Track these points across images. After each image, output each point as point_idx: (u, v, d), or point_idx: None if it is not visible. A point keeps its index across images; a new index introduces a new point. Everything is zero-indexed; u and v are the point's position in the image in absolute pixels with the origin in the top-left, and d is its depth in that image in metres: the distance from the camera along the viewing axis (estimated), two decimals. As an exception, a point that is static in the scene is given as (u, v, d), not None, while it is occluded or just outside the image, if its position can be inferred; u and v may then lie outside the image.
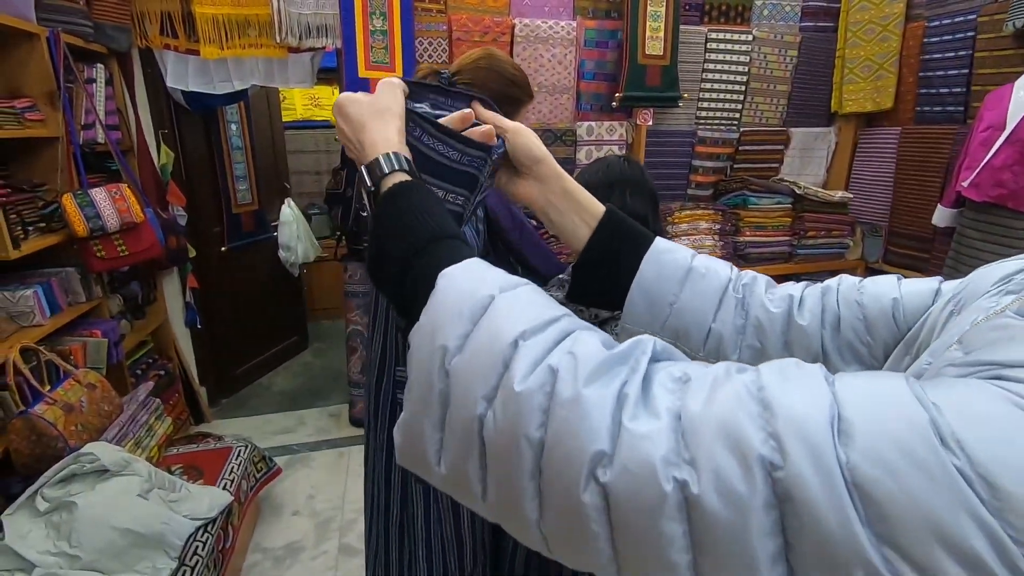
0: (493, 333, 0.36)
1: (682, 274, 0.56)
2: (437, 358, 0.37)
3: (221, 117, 3.09)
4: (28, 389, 1.67)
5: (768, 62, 2.97)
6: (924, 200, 2.68)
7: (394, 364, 1.10)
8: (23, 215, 1.83)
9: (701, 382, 0.32)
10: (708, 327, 0.55)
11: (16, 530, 1.44)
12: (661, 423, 0.30)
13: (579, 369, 0.33)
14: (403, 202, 0.46)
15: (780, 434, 0.28)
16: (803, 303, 0.55)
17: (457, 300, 0.38)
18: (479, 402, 0.35)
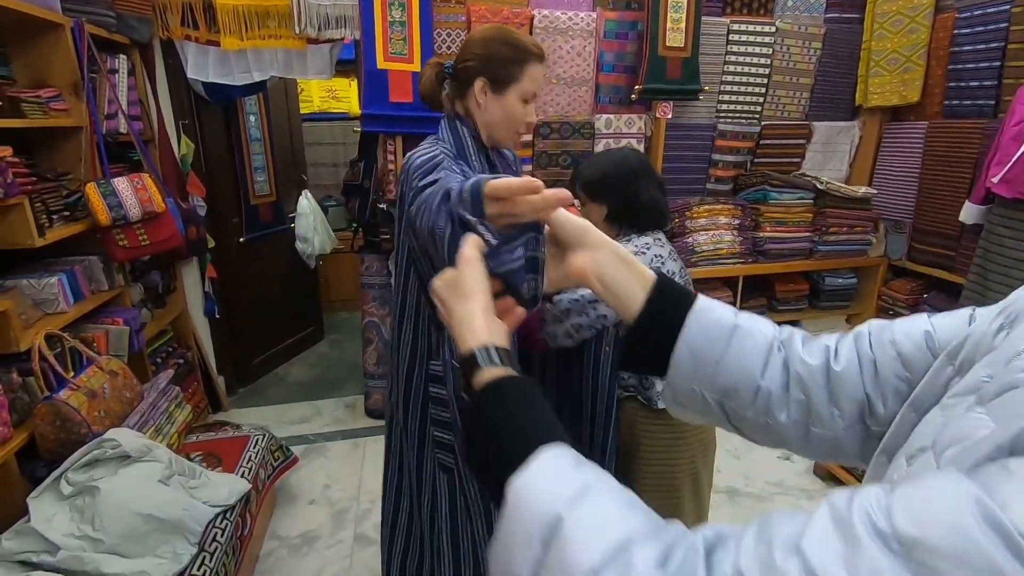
0: (565, 565, 0.34)
1: (727, 332, 0.56)
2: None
3: (240, 109, 3.11)
4: (53, 375, 1.70)
5: (791, 54, 2.91)
6: (951, 196, 2.62)
7: (427, 358, 1.10)
8: (48, 204, 1.86)
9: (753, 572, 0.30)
10: (757, 385, 0.55)
11: (41, 513, 1.47)
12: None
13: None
14: (493, 406, 0.47)
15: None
16: (838, 352, 0.55)
17: (528, 518, 0.37)
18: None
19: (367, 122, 2.51)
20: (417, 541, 1.26)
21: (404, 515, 1.26)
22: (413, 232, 0.95)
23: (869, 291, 3.11)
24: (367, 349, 2.89)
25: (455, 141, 1.12)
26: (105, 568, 1.41)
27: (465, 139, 1.13)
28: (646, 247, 1.26)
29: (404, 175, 1.05)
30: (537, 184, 0.55)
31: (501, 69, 1.09)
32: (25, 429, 1.63)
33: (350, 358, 3.67)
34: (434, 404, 1.12)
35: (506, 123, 1.12)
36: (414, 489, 1.23)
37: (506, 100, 1.11)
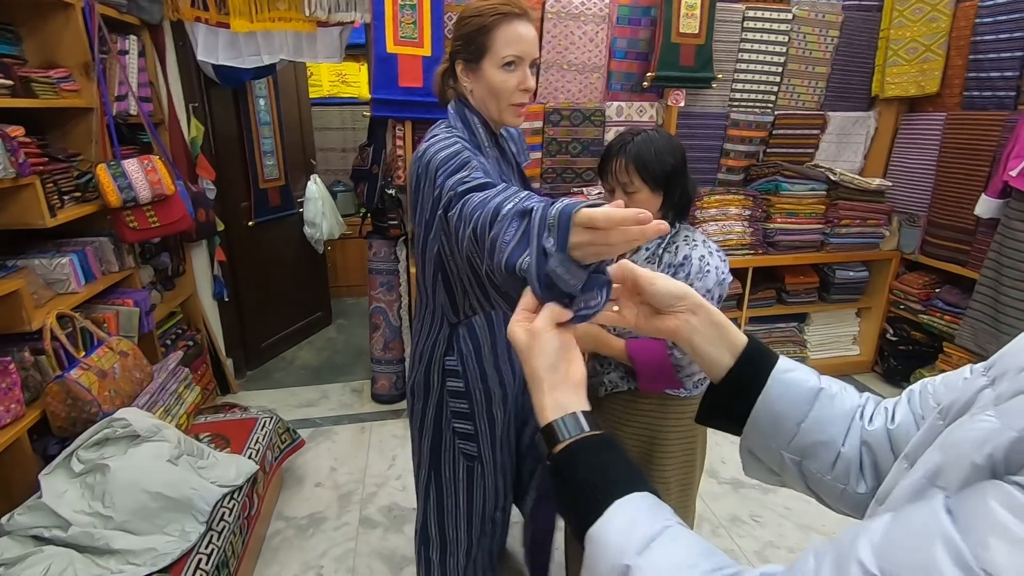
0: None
1: (811, 395, 0.57)
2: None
3: (249, 92, 3.10)
4: (64, 354, 1.72)
5: (807, 42, 2.86)
6: (967, 189, 2.58)
7: (442, 351, 1.11)
8: (59, 184, 1.87)
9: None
10: (838, 451, 0.56)
11: (53, 489, 1.49)
12: None
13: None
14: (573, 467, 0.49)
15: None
16: (895, 413, 0.57)
17: (602, 566, 0.40)
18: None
19: (377, 107, 2.50)
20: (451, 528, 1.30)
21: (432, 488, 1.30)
22: (450, 238, 0.88)
23: (880, 285, 3.08)
24: (374, 334, 2.90)
25: (467, 129, 1.10)
26: (115, 544, 1.43)
27: (475, 126, 1.10)
28: (706, 244, 1.25)
29: (423, 168, 1.00)
30: (646, 216, 0.52)
31: (470, 45, 1.05)
32: (37, 407, 1.65)
33: (357, 343, 3.69)
34: (452, 396, 1.13)
35: (495, 97, 1.06)
36: (436, 476, 1.25)
37: (484, 73, 1.05)
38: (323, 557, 1.95)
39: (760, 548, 1.99)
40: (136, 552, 1.44)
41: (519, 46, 1.03)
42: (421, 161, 1.01)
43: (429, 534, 1.32)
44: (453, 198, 0.83)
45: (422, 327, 1.17)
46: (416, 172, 1.03)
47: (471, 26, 1.04)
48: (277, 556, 1.95)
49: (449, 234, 0.87)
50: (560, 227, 0.55)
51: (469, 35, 1.05)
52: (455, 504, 1.27)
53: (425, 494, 1.30)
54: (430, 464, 1.25)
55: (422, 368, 1.17)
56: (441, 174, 0.94)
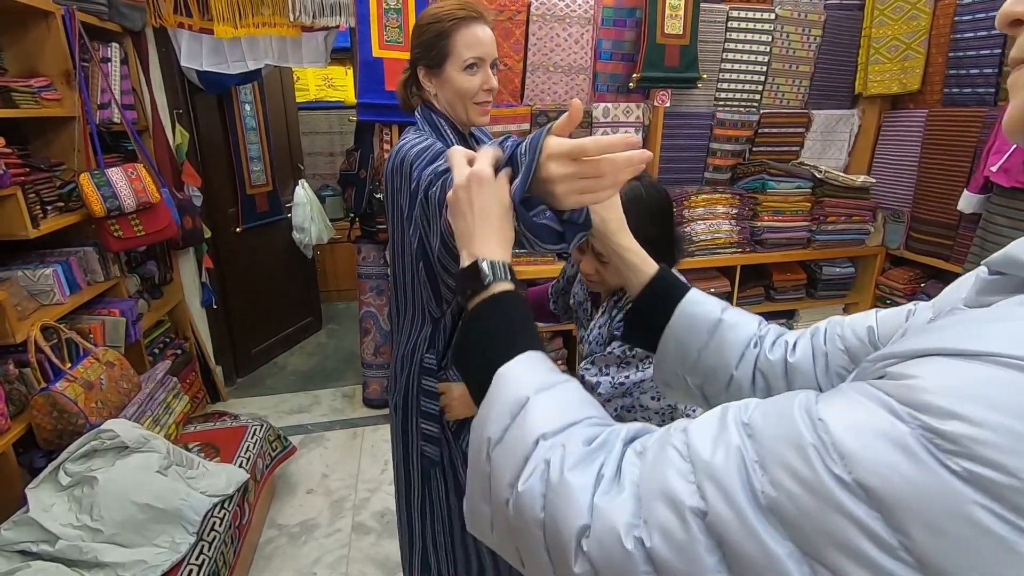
0: (523, 430, 0.42)
1: (712, 325, 0.63)
2: (484, 447, 0.44)
3: (235, 97, 3.08)
4: (49, 366, 1.70)
5: (791, 42, 2.89)
6: (950, 185, 2.61)
7: (423, 351, 1.10)
8: (41, 194, 1.85)
9: (651, 450, 0.38)
10: (730, 375, 0.62)
11: (40, 503, 1.48)
12: (625, 494, 0.36)
13: (566, 459, 0.39)
14: (491, 313, 0.52)
15: (701, 484, 0.33)
16: (796, 346, 0.62)
17: (504, 397, 0.45)
18: (505, 488, 0.41)
19: (363, 111, 2.49)
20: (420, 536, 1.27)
21: (404, 500, 1.27)
22: (431, 220, 0.87)
23: (867, 281, 3.11)
24: (364, 339, 2.89)
25: (435, 131, 1.11)
26: (104, 557, 1.42)
27: (443, 128, 1.12)
28: None
29: (396, 166, 1.03)
30: (636, 140, 0.55)
31: (431, 50, 1.07)
32: (23, 420, 1.63)
33: (347, 348, 3.68)
34: (424, 396, 1.12)
35: (461, 98, 1.09)
36: (402, 482, 1.24)
37: (447, 77, 1.07)
38: (316, 564, 1.94)
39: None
40: (125, 565, 1.43)
41: (479, 48, 1.06)
42: (395, 160, 1.03)
43: (429, 563, 1.27)
44: (433, 179, 0.84)
45: (402, 335, 1.16)
46: (391, 171, 1.05)
47: (430, 32, 1.06)
48: (270, 565, 1.94)
49: (430, 216, 0.87)
50: (530, 152, 0.54)
51: (429, 41, 1.07)
52: (444, 526, 1.23)
53: (421, 514, 1.24)
54: (422, 482, 1.22)
55: (403, 378, 1.16)
56: (416, 167, 0.96)
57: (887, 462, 0.28)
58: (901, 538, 0.27)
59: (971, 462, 0.26)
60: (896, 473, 0.28)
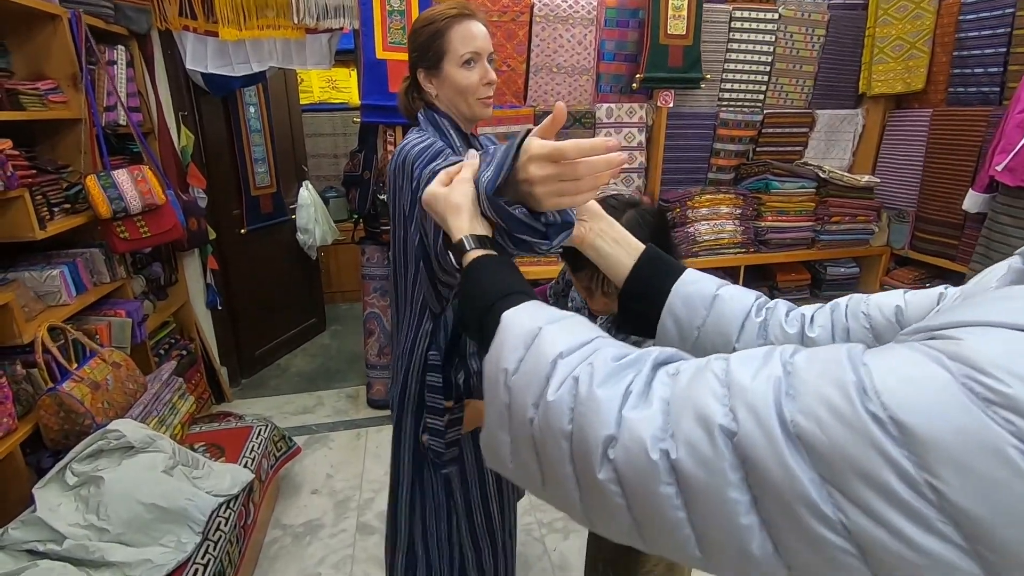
0: (539, 355, 0.45)
1: (708, 301, 0.63)
2: (501, 378, 0.46)
3: (240, 99, 3.10)
4: (56, 367, 1.71)
5: (794, 41, 2.89)
6: (954, 185, 2.60)
7: (427, 349, 1.10)
8: (48, 196, 1.86)
9: (686, 373, 0.39)
10: (732, 348, 0.62)
11: (47, 503, 1.48)
12: (652, 409, 0.38)
13: (595, 375, 0.41)
14: (480, 271, 0.57)
15: (734, 407, 0.35)
16: (814, 320, 0.61)
17: (515, 332, 0.48)
18: (529, 408, 0.43)
19: (367, 112, 2.50)
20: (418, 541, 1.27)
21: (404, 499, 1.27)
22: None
23: (871, 280, 3.11)
24: (368, 340, 2.90)
25: (438, 132, 1.12)
26: (110, 557, 1.43)
27: (446, 129, 1.13)
28: None
29: (399, 166, 1.04)
30: (615, 143, 0.55)
31: (428, 51, 1.08)
32: (30, 420, 1.64)
33: (351, 349, 3.69)
34: (429, 391, 1.12)
35: (460, 95, 1.10)
36: (395, 474, 1.25)
37: (446, 75, 1.09)
38: (320, 564, 1.95)
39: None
40: (132, 564, 1.43)
41: (474, 43, 1.08)
42: (397, 160, 1.05)
43: (416, 553, 1.28)
44: (431, 178, 0.85)
45: (401, 332, 1.17)
46: (393, 171, 1.06)
47: (425, 34, 1.08)
48: (275, 565, 1.95)
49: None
50: (506, 151, 0.56)
51: (425, 43, 1.08)
52: (434, 518, 1.25)
53: (410, 507, 1.26)
54: (412, 475, 1.24)
55: (402, 373, 1.16)
56: (417, 166, 0.97)
57: (927, 401, 0.29)
58: (928, 476, 0.28)
59: (1013, 414, 0.27)
60: (935, 413, 0.28)
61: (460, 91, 1.09)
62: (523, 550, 1.98)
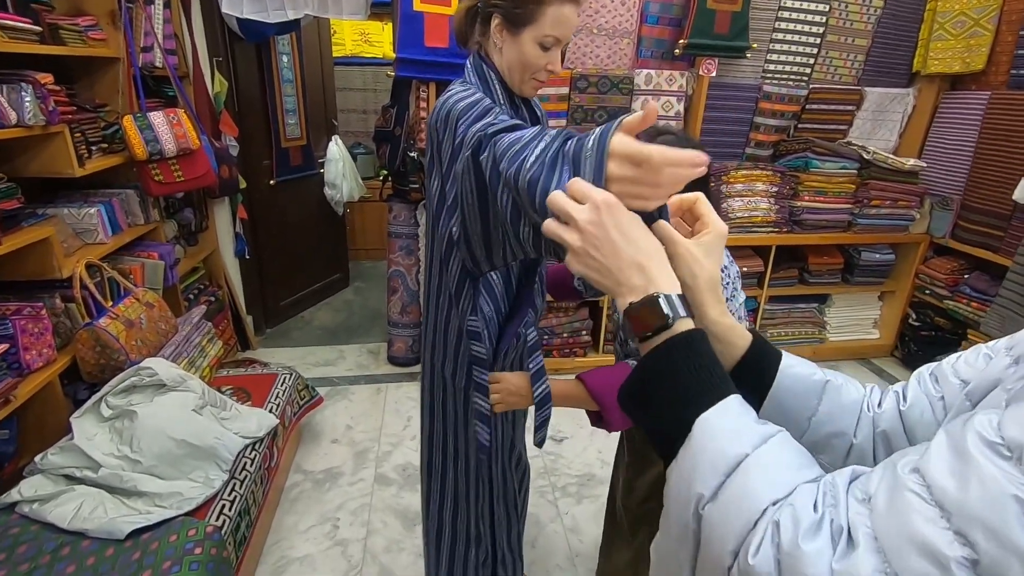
0: (746, 492, 0.40)
1: (819, 387, 0.57)
2: (692, 502, 0.41)
3: (273, 48, 3.06)
4: (93, 303, 1.75)
5: (849, 13, 2.75)
6: (1007, 173, 2.50)
7: (466, 314, 1.05)
8: (87, 134, 1.87)
9: (880, 498, 0.36)
10: (850, 443, 0.56)
11: (84, 432, 1.54)
12: (860, 550, 0.34)
13: (798, 523, 0.37)
14: (682, 355, 0.47)
15: (963, 530, 0.31)
16: (905, 394, 0.57)
17: (714, 450, 0.42)
18: (727, 555, 0.39)
19: (401, 66, 2.46)
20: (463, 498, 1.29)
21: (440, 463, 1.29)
22: (480, 183, 0.81)
23: (907, 269, 3.02)
24: (392, 298, 2.92)
25: (482, 85, 1.06)
26: (143, 487, 1.48)
27: (492, 82, 1.07)
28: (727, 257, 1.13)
29: (442, 119, 0.98)
30: (704, 159, 0.49)
31: (518, 7, 1.00)
32: (68, 353, 1.69)
33: (374, 306, 3.72)
34: (474, 364, 1.09)
35: (522, 67, 1.04)
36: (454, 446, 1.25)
37: (521, 42, 1.01)
38: (339, 510, 2.01)
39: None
40: (163, 495, 1.49)
41: (562, 29, 1.01)
42: (440, 113, 0.98)
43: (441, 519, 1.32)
44: (483, 139, 0.78)
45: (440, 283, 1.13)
46: (434, 124, 0.99)
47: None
48: (295, 507, 2.02)
49: (480, 179, 0.81)
50: (597, 151, 0.51)
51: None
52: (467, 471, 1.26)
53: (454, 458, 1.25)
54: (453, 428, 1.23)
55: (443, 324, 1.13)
56: (463, 123, 0.91)
57: None
58: None
59: None
60: None
61: (523, 65, 1.03)
62: (536, 511, 2.02)
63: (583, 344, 2.95)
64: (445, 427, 1.24)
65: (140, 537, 1.37)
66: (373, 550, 1.85)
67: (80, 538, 1.36)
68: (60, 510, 1.39)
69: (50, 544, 1.33)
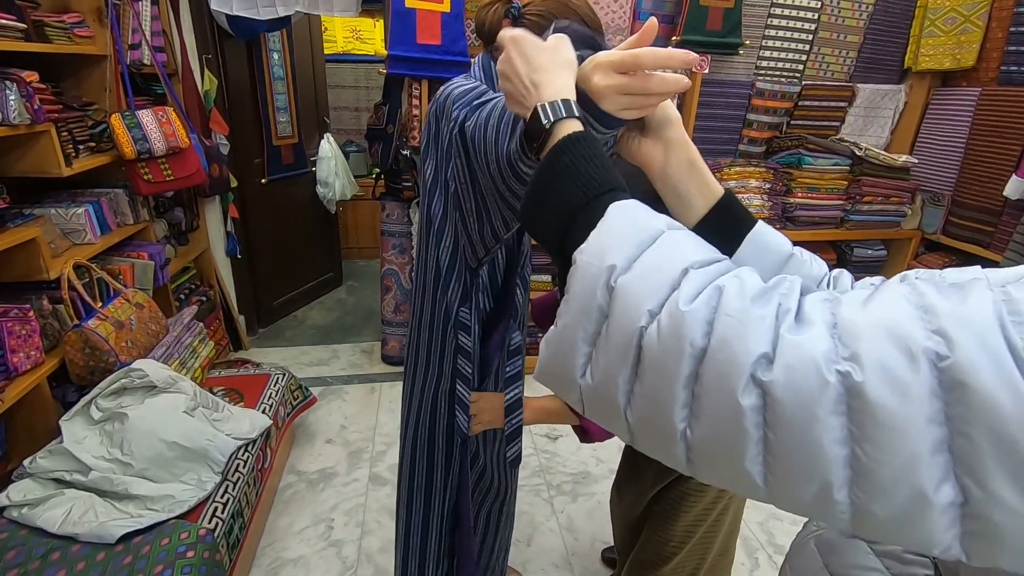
0: (664, 258, 0.39)
1: (782, 259, 0.58)
2: (603, 276, 0.40)
3: (264, 45, 3.03)
4: (81, 304, 1.73)
5: (841, 9, 2.76)
6: (997, 169, 2.51)
7: (457, 305, 1.06)
8: (74, 133, 1.84)
9: (853, 296, 0.35)
10: None
11: (73, 435, 1.52)
12: (816, 329, 0.33)
13: (745, 289, 0.36)
14: (583, 149, 0.47)
15: (945, 329, 0.31)
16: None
17: (629, 227, 0.42)
18: (643, 315, 0.37)
19: (393, 64, 2.44)
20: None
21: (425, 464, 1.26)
22: (467, 154, 0.85)
23: (898, 264, 3.04)
24: (385, 297, 2.91)
25: (487, 82, 1.05)
26: (134, 490, 1.47)
27: (497, 81, 1.06)
28: None
29: (439, 106, 0.96)
30: (694, 58, 0.50)
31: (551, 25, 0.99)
32: (56, 355, 1.67)
33: (367, 305, 3.71)
34: (460, 355, 1.08)
35: None
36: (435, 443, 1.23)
37: None
38: (333, 511, 2.00)
39: (763, 519, 2.02)
40: (154, 498, 1.47)
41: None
42: (438, 101, 0.97)
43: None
44: (468, 112, 0.81)
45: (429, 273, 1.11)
46: (434, 113, 0.98)
47: (581, 33, 0.98)
48: (289, 508, 2.00)
49: (465, 152, 0.83)
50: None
51: (575, 37, 0.99)
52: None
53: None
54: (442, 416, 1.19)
55: (431, 316, 1.10)
56: (457, 106, 0.91)
57: None
58: None
59: None
60: None
61: None
62: (531, 510, 2.02)
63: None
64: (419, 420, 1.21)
65: (131, 541, 1.36)
66: (368, 550, 1.84)
67: (70, 543, 1.34)
68: (49, 514, 1.37)
69: (40, 549, 1.32)
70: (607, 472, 2.22)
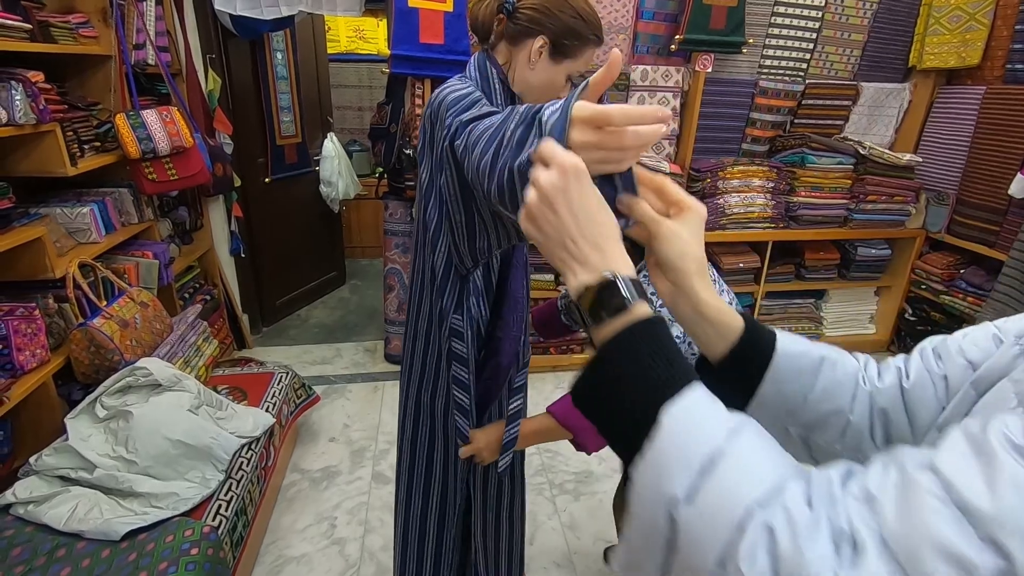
0: (726, 494, 0.36)
1: (815, 366, 0.54)
2: (662, 504, 0.37)
3: (267, 45, 3.04)
4: (87, 303, 1.74)
5: (845, 7, 2.75)
6: (1002, 168, 2.50)
7: (450, 311, 1.06)
8: (79, 133, 1.86)
9: (888, 498, 0.33)
10: (847, 420, 0.54)
11: (78, 433, 1.53)
12: (870, 557, 0.31)
13: (795, 526, 0.33)
14: (641, 343, 0.43)
15: (994, 536, 0.29)
16: (908, 370, 0.55)
17: (685, 444, 0.38)
18: (713, 565, 0.35)
19: (396, 63, 2.44)
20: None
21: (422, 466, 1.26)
22: (458, 170, 0.84)
23: (902, 264, 3.03)
24: (388, 296, 2.91)
25: (482, 82, 1.05)
26: (139, 488, 1.48)
27: (493, 82, 1.06)
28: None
29: (433, 111, 0.97)
30: (666, 114, 0.47)
31: (567, 39, 1.01)
32: (61, 353, 1.68)
33: (370, 304, 3.71)
34: (455, 360, 1.07)
35: (543, 91, 1.06)
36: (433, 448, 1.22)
37: (556, 71, 1.04)
38: (336, 509, 2.01)
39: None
40: (159, 496, 1.48)
41: (586, 68, 1.04)
42: (432, 106, 0.97)
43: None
44: (459, 128, 0.80)
45: (423, 283, 1.12)
46: (428, 117, 0.98)
47: (580, 28, 1.00)
48: (292, 506, 2.01)
49: (456, 167, 0.83)
50: (560, 119, 0.50)
51: (574, 32, 1.00)
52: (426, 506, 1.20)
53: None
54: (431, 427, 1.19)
55: (425, 323, 1.12)
56: (451, 114, 0.90)
57: None
58: None
59: None
60: None
61: (546, 90, 1.06)
62: (534, 508, 2.02)
63: (580, 340, 2.95)
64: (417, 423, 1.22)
65: (136, 538, 1.37)
66: (371, 548, 1.85)
67: (76, 540, 1.35)
68: (55, 512, 1.38)
69: (45, 546, 1.33)
70: (609, 471, 2.22)
